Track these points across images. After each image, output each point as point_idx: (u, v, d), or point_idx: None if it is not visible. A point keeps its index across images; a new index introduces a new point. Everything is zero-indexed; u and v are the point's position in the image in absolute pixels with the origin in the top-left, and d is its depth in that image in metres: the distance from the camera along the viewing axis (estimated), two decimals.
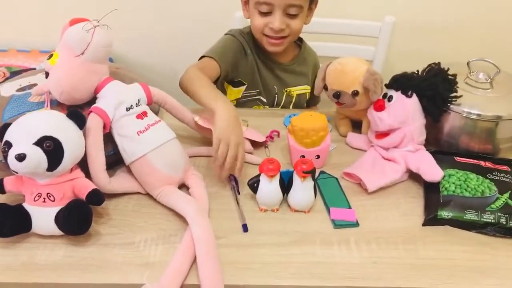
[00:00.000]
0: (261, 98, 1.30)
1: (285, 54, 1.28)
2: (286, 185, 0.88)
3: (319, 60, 1.39)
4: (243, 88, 1.28)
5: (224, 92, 1.30)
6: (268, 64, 1.28)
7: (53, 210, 0.78)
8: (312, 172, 0.84)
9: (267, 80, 1.29)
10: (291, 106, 1.34)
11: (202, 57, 1.19)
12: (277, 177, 0.86)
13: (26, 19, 1.79)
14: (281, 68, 1.30)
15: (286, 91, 1.32)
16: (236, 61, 1.24)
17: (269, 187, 0.86)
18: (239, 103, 1.30)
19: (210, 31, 1.65)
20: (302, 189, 0.86)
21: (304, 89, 1.34)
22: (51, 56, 0.87)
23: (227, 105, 0.97)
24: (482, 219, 0.84)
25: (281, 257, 0.79)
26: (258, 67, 1.27)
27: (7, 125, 0.79)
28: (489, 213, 0.84)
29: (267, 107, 1.32)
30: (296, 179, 0.86)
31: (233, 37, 1.25)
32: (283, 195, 0.88)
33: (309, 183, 0.86)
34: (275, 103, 1.32)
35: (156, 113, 0.99)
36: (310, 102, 1.40)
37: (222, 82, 1.28)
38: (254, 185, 0.88)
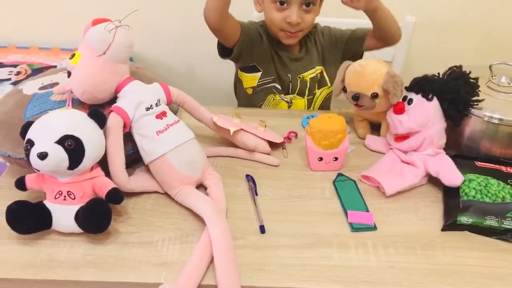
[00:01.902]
0: (276, 85, 1.32)
1: (294, 44, 1.32)
2: None
3: (327, 30, 1.38)
4: (258, 75, 1.31)
5: (239, 81, 1.35)
6: (281, 54, 1.32)
7: (74, 208, 0.79)
8: None
9: (281, 68, 1.32)
10: (307, 91, 1.35)
11: None
12: None
13: (47, 18, 1.82)
14: (292, 58, 1.33)
15: (300, 77, 1.33)
16: (253, 42, 1.28)
17: None
18: (256, 92, 1.33)
19: None
20: None
21: (315, 71, 1.35)
22: (73, 55, 0.88)
23: None
24: (502, 226, 0.82)
25: (298, 259, 0.79)
26: (272, 55, 1.31)
27: (29, 124, 0.80)
28: (509, 219, 0.83)
29: (282, 95, 1.33)
30: None
31: (250, 23, 1.31)
32: None
33: None
34: (290, 90, 1.34)
35: (175, 112, 1.00)
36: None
37: (236, 71, 1.35)
38: None
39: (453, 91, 0.94)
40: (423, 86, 0.97)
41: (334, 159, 0.98)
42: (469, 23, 1.76)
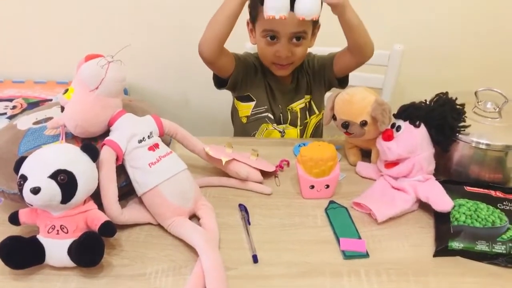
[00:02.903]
0: (269, 115, 1.35)
1: (286, 76, 1.35)
2: None
3: (312, 57, 1.40)
4: (251, 104, 1.34)
5: (235, 110, 1.40)
6: (273, 86, 1.35)
7: (67, 242, 0.79)
8: None
9: (272, 100, 1.35)
10: (298, 121, 1.37)
11: None
12: None
13: (42, 52, 1.85)
14: (283, 90, 1.36)
15: (289, 109, 1.36)
16: (247, 74, 1.32)
17: None
18: (249, 121, 1.36)
19: None
20: None
21: (304, 100, 1.38)
22: (66, 91, 0.90)
23: None
24: (493, 250, 0.83)
25: None
26: (266, 86, 1.35)
27: (23, 159, 0.81)
28: (500, 243, 0.83)
29: (275, 124, 1.35)
30: None
31: (246, 55, 1.36)
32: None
33: None
34: (282, 120, 1.37)
35: (168, 143, 1.01)
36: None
37: (233, 99, 1.39)
38: None
39: (440, 118, 0.96)
40: (411, 113, 0.99)
41: (325, 186, 0.99)
42: (455, 51, 1.80)
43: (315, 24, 1.27)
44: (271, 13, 0.98)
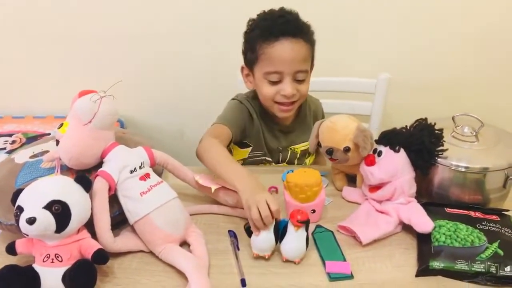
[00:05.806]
0: (267, 158, 1.35)
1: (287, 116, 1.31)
2: (280, 233, 0.92)
3: (320, 106, 1.44)
4: (249, 149, 1.34)
5: (230, 152, 1.32)
6: (272, 127, 1.33)
7: (61, 270, 0.82)
8: (306, 223, 0.89)
9: (271, 143, 1.34)
10: (296, 161, 1.38)
11: (213, 124, 1.24)
12: (273, 224, 0.91)
13: (41, 88, 1.91)
14: (284, 130, 1.34)
15: (291, 148, 1.36)
16: (244, 125, 1.29)
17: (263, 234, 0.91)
18: (246, 163, 1.35)
19: (213, 91, 1.76)
20: (295, 238, 0.90)
21: (307, 144, 1.33)
22: (61, 125, 0.94)
23: (243, 174, 1.01)
24: (472, 269, 0.86)
25: None
26: (263, 130, 1.32)
27: (19, 191, 0.85)
28: (479, 262, 0.86)
29: (273, 164, 1.37)
30: (291, 228, 0.90)
31: (240, 102, 1.31)
32: (276, 243, 0.92)
33: (302, 233, 0.90)
34: (280, 160, 1.37)
35: (160, 173, 1.05)
36: None
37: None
38: (249, 229, 0.93)
39: (419, 142, 1.01)
40: (390, 138, 1.04)
41: (312, 211, 1.02)
42: (436, 79, 1.87)
43: (312, 63, 1.26)
44: (256, 252, 0.94)
